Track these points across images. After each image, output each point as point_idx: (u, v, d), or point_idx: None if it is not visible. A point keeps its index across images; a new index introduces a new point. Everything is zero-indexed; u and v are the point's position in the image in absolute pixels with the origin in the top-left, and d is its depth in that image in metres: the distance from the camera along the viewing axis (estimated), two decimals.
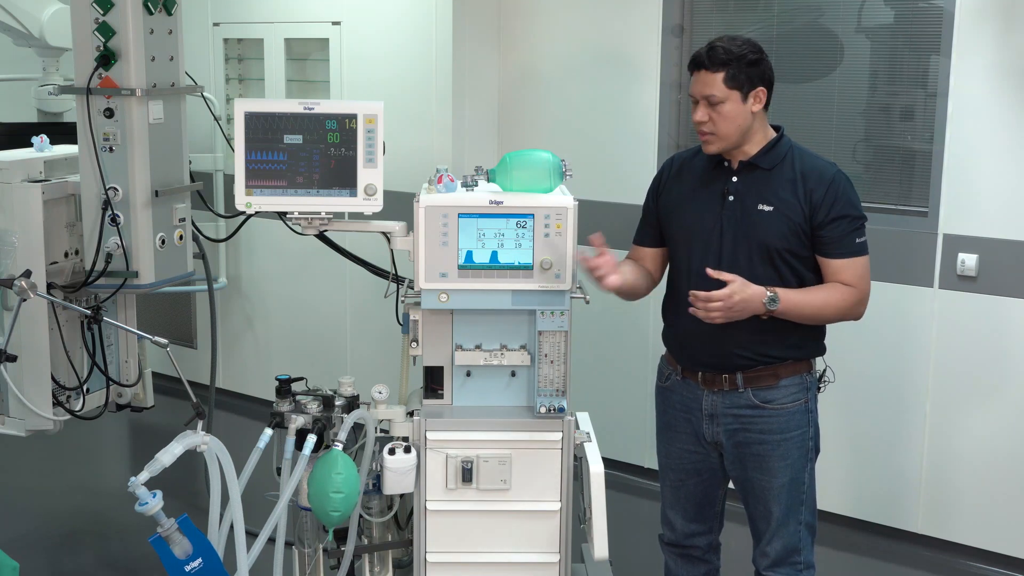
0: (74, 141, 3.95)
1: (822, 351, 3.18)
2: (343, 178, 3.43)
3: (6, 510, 4.69)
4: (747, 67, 2.98)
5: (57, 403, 4.02)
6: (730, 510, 3.40)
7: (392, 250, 3.56)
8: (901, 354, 4.31)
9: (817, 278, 3.08)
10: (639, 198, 4.77)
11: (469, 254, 3.30)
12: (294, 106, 3.42)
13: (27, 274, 3.68)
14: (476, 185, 3.42)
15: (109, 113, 3.83)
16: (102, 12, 3.79)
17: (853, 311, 3.05)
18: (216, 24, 5.71)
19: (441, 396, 3.47)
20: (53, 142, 4.16)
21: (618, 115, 4.87)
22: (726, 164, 3.11)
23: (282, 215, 3.50)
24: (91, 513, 4.76)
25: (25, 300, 3.68)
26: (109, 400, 4.27)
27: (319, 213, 3.46)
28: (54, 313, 3.96)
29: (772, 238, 3.02)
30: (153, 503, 2.85)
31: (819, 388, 3.20)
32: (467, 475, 3.36)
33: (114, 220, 3.85)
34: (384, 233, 3.51)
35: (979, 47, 4.05)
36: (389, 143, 3.51)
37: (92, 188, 3.89)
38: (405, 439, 3.39)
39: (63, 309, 3.95)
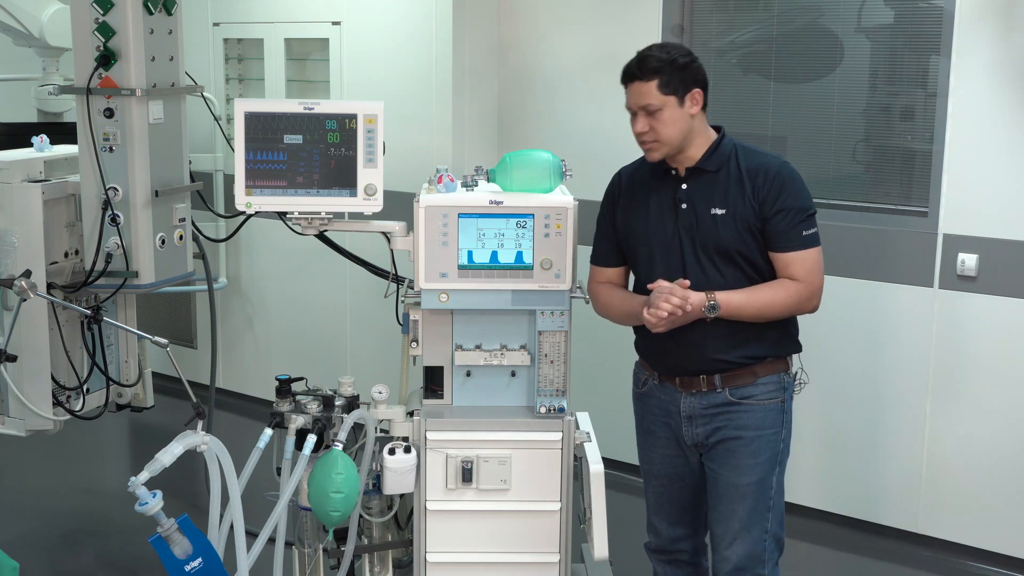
0: (74, 141, 3.95)
1: (798, 349, 3.17)
2: (343, 178, 3.43)
3: (6, 510, 4.69)
4: (679, 71, 2.98)
5: (57, 403, 4.02)
6: None
7: (392, 250, 3.56)
8: (901, 354, 4.31)
9: None
10: None
11: (469, 254, 3.30)
12: (294, 106, 3.42)
13: (27, 274, 3.68)
14: (476, 185, 3.42)
15: (109, 113, 3.83)
16: (102, 12, 3.79)
17: (803, 306, 3.02)
18: (216, 24, 5.71)
19: (441, 396, 3.47)
20: (53, 142, 4.16)
21: (618, 115, 4.84)
22: (673, 172, 3.08)
23: (282, 215, 3.50)
24: (91, 513, 4.76)
25: (25, 300, 3.68)
26: (109, 400, 4.27)
27: (319, 213, 3.46)
28: (54, 313, 3.96)
29: (729, 241, 2.99)
30: (153, 503, 2.85)
31: (795, 390, 3.17)
32: (467, 475, 3.36)
33: (114, 220, 3.85)
34: (384, 233, 3.51)
35: (979, 47, 4.05)
36: (389, 143, 3.51)
37: (92, 188, 3.89)
38: (405, 439, 3.39)
39: (63, 309, 3.95)
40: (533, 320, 3.36)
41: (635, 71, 2.99)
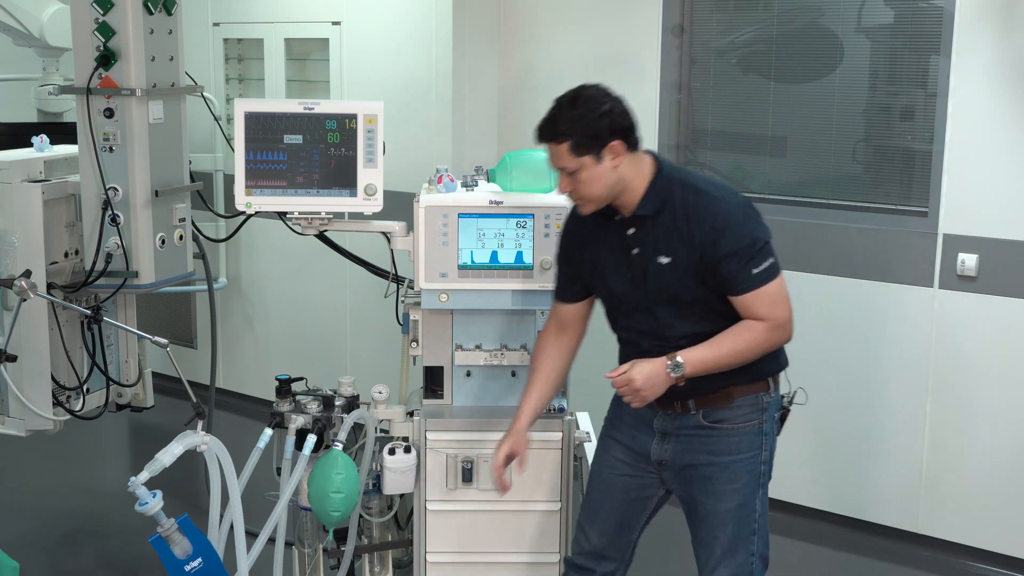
0: (74, 141, 3.95)
1: (781, 367, 2.98)
2: (343, 178, 3.43)
3: (6, 510, 4.69)
4: (591, 128, 2.73)
5: (57, 403, 4.02)
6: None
7: (392, 250, 3.56)
8: (901, 354, 4.31)
9: None
10: None
11: (469, 254, 3.31)
12: (294, 106, 3.42)
13: (27, 274, 3.68)
14: (476, 185, 3.42)
15: (109, 113, 3.83)
16: (102, 12, 3.79)
17: (774, 342, 2.82)
18: (216, 24, 5.71)
19: (441, 396, 3.47)
20: (53, 142, 4.16)
21: None
22: (618, 217, 2.86)
23: (282, 215, 3.50)
24: (91, 513, 4.76)
25: (25, 300, 3.68)
26: (109, 400, 4.27)
27: (319, 213, 3.46)
28: (54, 313, 3.96)
29: (680, 291, 2.79)
30: (153, 503, 2.85)
31: (786, 410, 3.01)
32: (467, 475, 3.37)
33: (114, 220, 3.85)
34: (384, 233, 3.52)
35: (979, 47, 4.05)
36: (389, 143, 3.51)
37: (92, 188, 3.89)
38: (405, 439, 3.40)
39: (63, 309, 3.95)
40: (533, 320, 3.37)
41: (544, 134, 2.78)
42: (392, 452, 3.34)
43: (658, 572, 3.58)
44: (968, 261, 4.12)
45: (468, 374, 3.44)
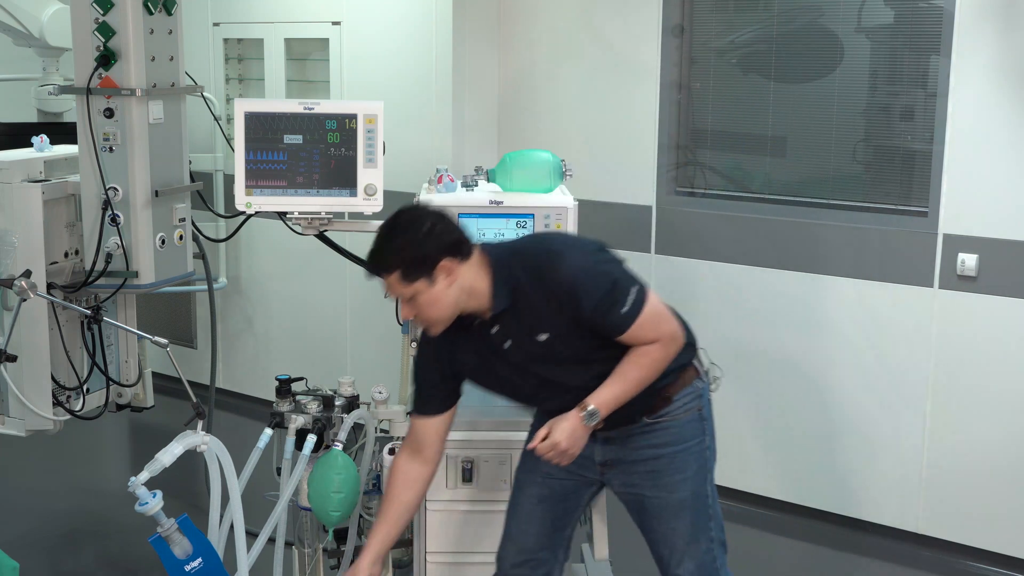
0: (74, 141, 3.95)
1: (695, 348, 2.94)
2: (343, 178, 3.43)
3: (6, 510, 4.69)
4: (414, 253, 2.66)
5: (57, 403, 4.02)
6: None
7: None
8: (901, 354, 4.31)
9: None
10: (639, 198, 4.82)
11: None
12: (294, 106, 3.43)
13: (27, 274, 3.68)
14: (476, 185, 3.42)
15: (109, 113, 3.83)
16: (102, 12, 3.79)
17: (670, 355, 2.76)
18: (216, 24, 5.71)
19: None
20: (53, 142, 4.16)
21: (618, 115, 4.87)
22: (477, 323, 2.78)
23: (282, 215, 3.50)
24: (91, 513, 4.76)
25: (25, 300, 3.68)
26: (109, 400, 4.27)
27: (319, 213, 3.47)
28: (54, 313, 3.96)
29: (574, 352, 2.75)
30: (153, 503, 2.85)
31: (713, 387, 2.99)
32: (467, 475, 3.37)
33: (114, 220, 3.85)
34: None
35: (979, 47, 4.05)
36: (389, 143, 3.51)
37: (92, 188, 3.88)
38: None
39: (63, 309, 3.95)
40: None
41: (372, 267, 2.75)
42: (392, 452, 3.34)
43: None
44: (968, 261, 4.12)
45: None
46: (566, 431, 2.72)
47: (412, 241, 2.67)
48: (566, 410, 2.74)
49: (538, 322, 2.72)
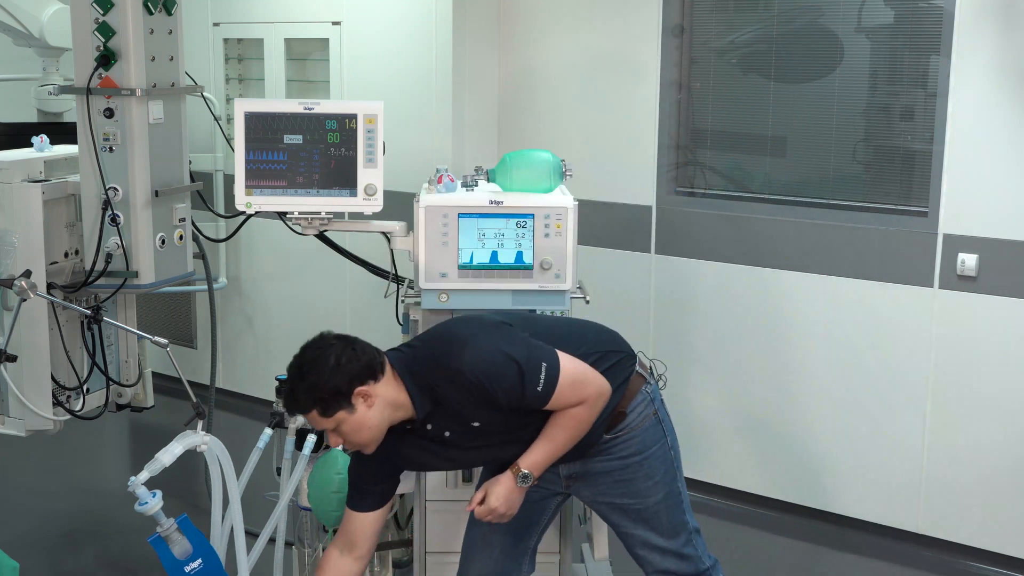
0: (74, 141, 3.95)
1: (633, 357, 2.93)
2: (343, 178, 3.43)
3: (6, 510, 4.69)
4: (327, 391, 2.65)
5: (57, 403, 4.02)
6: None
7: (392, 250, 3.56)
8: (901, 354, 4.31)
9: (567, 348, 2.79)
10: (639, 198, 4.82)
11: (469, 254, 3.31)
12: (294, 106, 3.42)
13: (27, 274, 3.68)
14: (476, 185, 3.42)
15: (109, 113, 3.83)
16: (102, 12, 3.79)
17: (598, 410, 2.76)
18: (216, 24, 5.71)
19: None
20: (53, 142, 4.16)
21: (618, 115, 4.87)
22: (409, 427, 2.78)
23: (282, 215, 3.50)
24: (91, 513, 4.76)
25: (25, 300, 3.68)
26: (109, 400, 4.27)
27: (319, 213, 3.46)
28: (54, 313, 3.96)
29: (509, 430, 2.77)
30: (153, 503, 2.85)
31: (660, 387, 2.99)
32: (467, 475, 3.37)
33: (114, 220, 3.85)
34: (384, 233, 3.51)
35: (979, 47, 4.05)
36: (389, 143, 3.51)
37: (92, 188, 3.88)
38: None
39: (63, 309, 3.95)
40: None
41: (291, 409, 2.77)
42: None
43: None
44: (968, 261, 4.12)
45: None
46: (501, 496, 2.78)
47: (321, 379, 2.66)
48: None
49: (466, 412, 2.73)
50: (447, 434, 2.78)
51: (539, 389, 2.67)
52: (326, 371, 2.67)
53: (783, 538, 4.54)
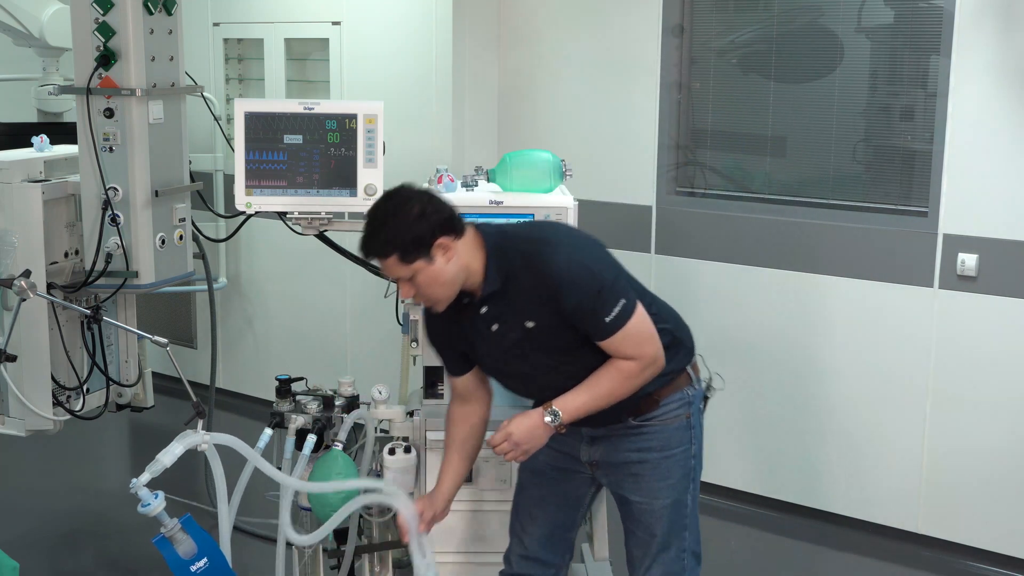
0: (74, 141, 3.95)
1: (692, 353, 2.94)
2: (343, 178, 3.43)
3: (6, 510, 4.69)
4: (410, 234, 2.65)
5: (57, 403, 4.02)
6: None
7: None
8: (901, 354, 4.31)
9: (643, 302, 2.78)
10: (639, 198, 4.82)
11: None
12: (294, 106, 3.43)
13: (27, 274, 3.68)
14: (476, 185, 3.43)
15: (109, 113, 3.83)
16: (102, 12, 3.79)
17: (645, 378, 2.74)
18: (216, 24, 5.71)
19: (441, 396, 3.47)
20: (53, 142, 4.16)
21: (618, 115, 4.87)
22: (466, 300, 2.78)
23: (282, 215, 3.50)
24: (91, 513, 4.76)
25: (25, 300, 3.68)
26: (109, 400, 4.27)
27: (319, 213, 3.47)
28: (54, 313, 3.96)
29: (556, 345, 2.74)
30: (155, 504, 2.85)
31: (706, 398, 2.97)
32: (467, 475, 3.36)
33: (114, 220, 3.85)
34: None
35: (979, 47, 4.05)
36: (389, 143, 3.51)
37: (92, 188, 3.89)
38: (405, 439, 3.40)
39: (63, 309, 3.95)
40: None
41: (369, 251, 2.73)
42: (392, 452, 3.34)
43: None
44: (968, 261, 4.12)
45: None
46: (524, 428, 2.74)
47: (405, 223, 2.66)
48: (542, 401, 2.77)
49: (527, 308, 2.71)
50: (495, 327, 2.76)
51: (607, 320, 2.65)
52: (411, 217, 2.66)
53: (783, 538, 4.54)
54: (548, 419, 2.73)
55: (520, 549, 3.04)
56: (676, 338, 2.87)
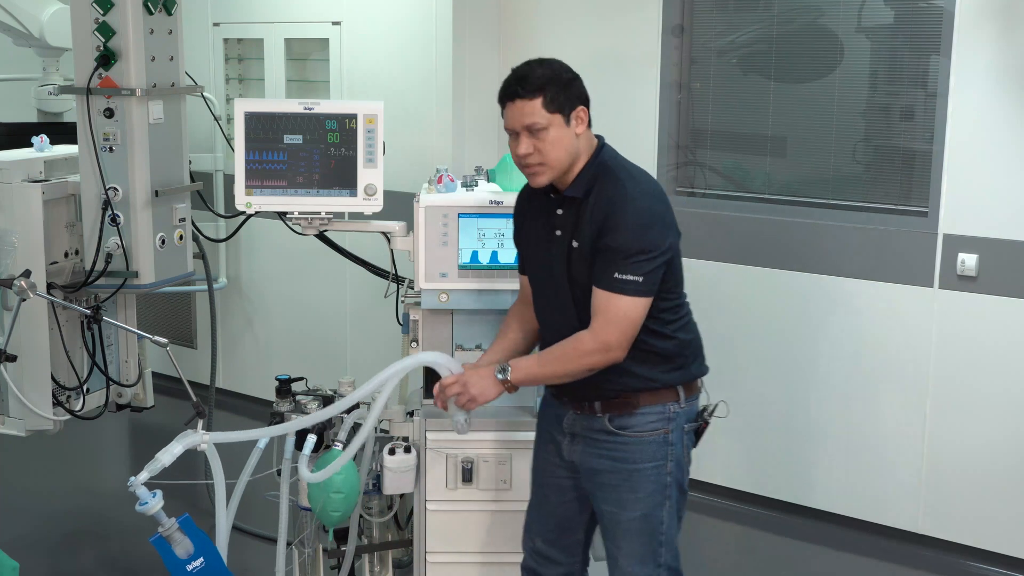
0: (74, 141, 3.95)
1: (693, 376, 2.90)
2: (343, 178, 3.43)
3: (6, 510, 4.69)
4: (564, 87, 2.72)
5: (57, 403, 4.02)
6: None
7: (392, 250, 3.57)
8: (901, 354, 4.31)
9: (668, 305, 2.81)
10: None
11: (470, 254, 3.31)
12: (294, 106, 3.43)
13: (27, 274, 3.68)
14: (476, 185, 3.42)
15: (109, 113, 3.83)
16: (102, 12, 3.79)
17: (594, 364, 2.71)
18: (216, 24, 5.71)
19: None
20: (53, 142, 4.16)
21: (618, 115, 4.86)
22: (552, 195, 2.82)
23: (282, 215, 3.50)
24: (91, 513, 4.76)
25: (25, 300, 3.68)
26: (109, 400, 4.27)
27: (319, 213, 3.47)
28: (54, 313, 3.96)
29: (582, 276, 2.75)
30: (153, 503, 2.85)
31: (704, 423, 2.92)
32: (467, 475, 3.37)
33: (114, 220, 3.85)
34: (384, 233, 3.52)
35: (979, 47, 4.05)
36: (389, 143, 3.51)
37: (92, 188, 3.89)
38: (405, 439, 3.40)
39: (63, 309, 3.95)
40: None
41: (516, 88, 2.72)
42: (392, 452, 3.34)
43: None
44: (968, 261, 4.12)
45: None
46: (476, 377, 2.81)
47: (561, 76, 2.75)
48: (552, 341, 2.81)
49: (582, 229, 2.74)
50: (558, 232, 2.80)
51: (615, 276, 2.66)
52: (568, 74, 2.77)
53: (783, 537, 4.54)
54: (498, 374, 2.78)
55: (530, 543, 3.08)
56: (681, 354, 2.86)
